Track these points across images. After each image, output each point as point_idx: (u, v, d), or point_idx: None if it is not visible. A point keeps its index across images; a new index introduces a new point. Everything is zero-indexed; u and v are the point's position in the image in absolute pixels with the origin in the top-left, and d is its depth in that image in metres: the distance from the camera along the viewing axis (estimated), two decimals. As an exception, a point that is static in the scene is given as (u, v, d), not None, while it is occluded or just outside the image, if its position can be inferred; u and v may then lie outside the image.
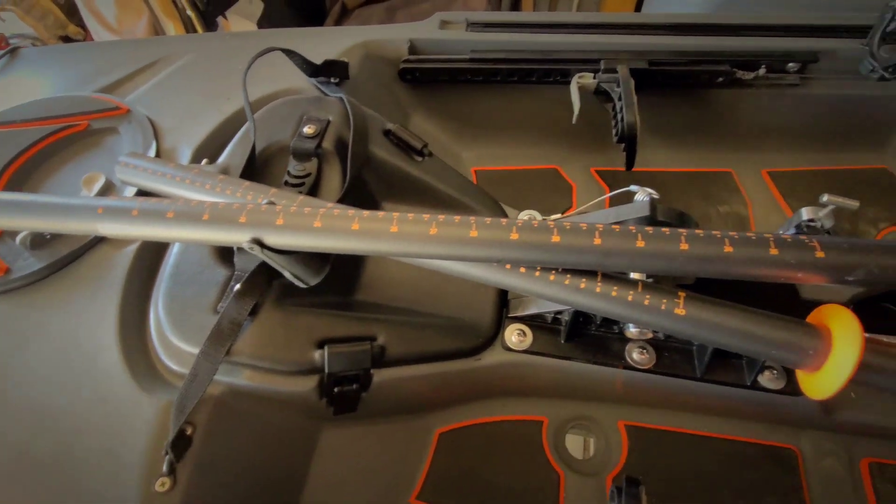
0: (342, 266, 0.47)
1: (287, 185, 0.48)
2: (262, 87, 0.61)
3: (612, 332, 0.48)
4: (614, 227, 0.32)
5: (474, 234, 0.33)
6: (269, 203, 0.37)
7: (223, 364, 0.40)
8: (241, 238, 0.35)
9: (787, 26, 0.65)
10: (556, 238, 0.32)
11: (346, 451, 0.49)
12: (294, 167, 0.49)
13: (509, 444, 0.51)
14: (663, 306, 0.32)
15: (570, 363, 0.48)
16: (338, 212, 0.35)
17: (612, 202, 0.54)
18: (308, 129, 0.50)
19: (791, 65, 0.63)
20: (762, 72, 0.63)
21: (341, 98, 0.54)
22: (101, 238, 0.49)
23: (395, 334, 0.45)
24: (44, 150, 0.56)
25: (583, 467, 0.50)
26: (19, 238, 0.47)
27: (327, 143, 0.50)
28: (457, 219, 0.34)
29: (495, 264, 0.35)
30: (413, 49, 0.68)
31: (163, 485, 0.37)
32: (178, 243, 0.47)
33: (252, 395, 0.43)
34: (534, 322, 0.49)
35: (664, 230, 0.32)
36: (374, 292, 0.49)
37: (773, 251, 0.30)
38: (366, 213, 0.35)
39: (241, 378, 0.42)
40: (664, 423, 0.51)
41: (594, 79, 0.62)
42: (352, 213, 0.35)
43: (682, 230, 0.32)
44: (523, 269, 0.35)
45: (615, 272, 0.35)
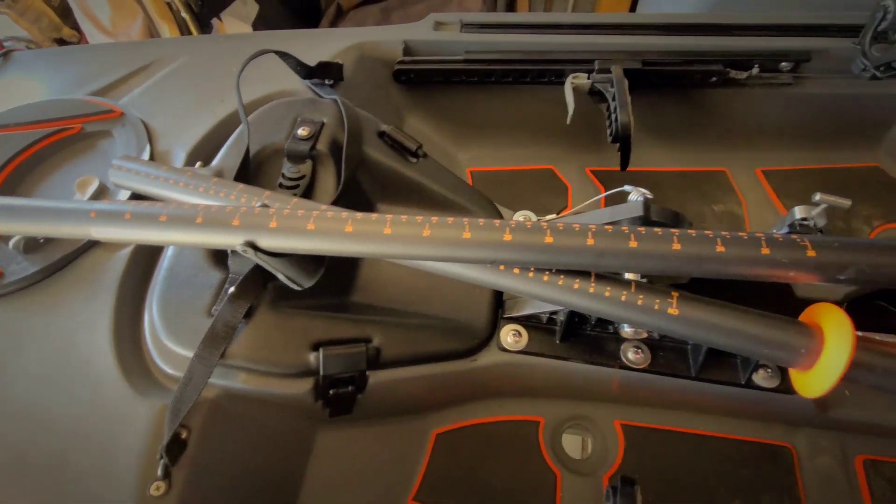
0: (337, 268, 0.47)
1: (281, 187, 0.48)
2: (256, 89, 0.61)
3: (608, 331, 0.49)
4: (607, 227, 0.32)
5: (467, 235, 0.33)
6: (263, 206, 0.37)
7: (218, 367, 0.40)
8: (234, 241, 0.35)
9: (779, 26, 0.66)
10: (549, 239, 0.32)
11: (342, 453, 0.49)
12: (288, 169, 0.49)
13: (506, 445, 0.51)
14: (656, 306, 0.32)
15: (566, 363, 0.48)
16: (331, 214, 0.35)
17: (606, 202, 0.54)
18: (302, 131, 0.50)
19: (784, 64, 0.64)
20: (755, 71, 0.63)
21: (335, 100, 0.54)
22: (95, 242, 0.49)
23: (390, 336, 0.45)
24: (37, 154, 0.56)
25: (579, 467, 0.50)
26: (12, 242, 0.47)
27: (322, 145, 0.50)
28: (450, 220, 0.34)
29: (489, 265, 0.35)
30: (408, 50, 0.68)
31: (157, 489, 0.37)
32: (173, 246, 0.47)
33: (247, 398, 0.43)
34: (529, 322, 0.49)
35: (657, 230, 0.32)
36: (370, 294, 0.49)
37: (765, 251, 0.30)
38: (359, 215, 0.35)
39: (236, 381, 0.42)
40: (660, 423, 0.51)
41: (588, 79, 0.62)
42: (345, 215, 0.35)
43: (674, 230, 0.32)
44: (517, 270, 0.35)
45: (609, 273, 0.35)
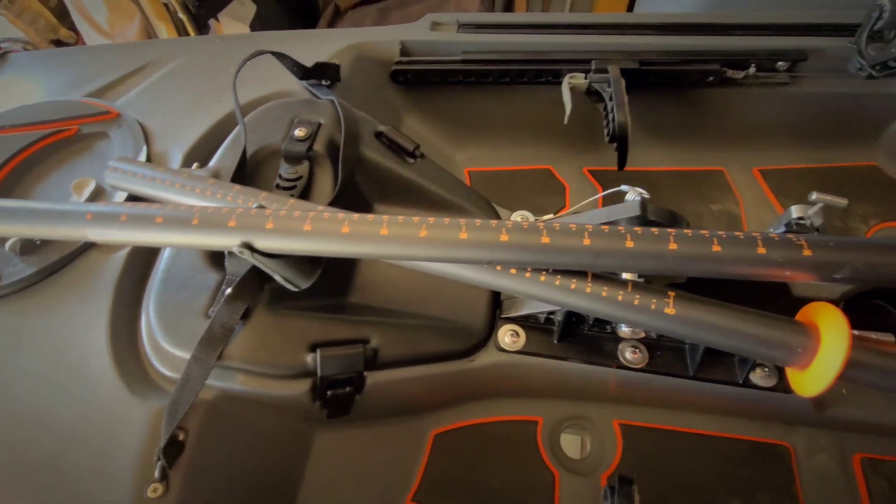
0: (334, 269, 0.46)
1: (279, 188, 0.48)
2: (253, 90, 0.61)
3: (605, 331, 0.49)
4: (603, 227, 0.33)
5: (464, 236, 0.33)
6: (259, 207, 0.37)
7: (215, 369, 0.40)
8: (230, 242, 0.35)
9: (776, 25, 0.66)
10: (545, 239, 0.32)
11: (340, 454, 0.49)
12: (285, 170, 0.49)
13: (504, 445, 0.51)
14: (653, 306, 0.32)
15: (564, 363, 0.48)
16: (328, 215, 0.35)
17: (604, 202, 0.54)
18: (299, 132, 0.50)
19: (780, 63, 0.64)
20: (752, 71, 0.63)
21: (332, 100, 0.54)
22: (92, 243, 0.49)
23: (388, 336, 0.45)
24: (33, 156, 0.56)
25: (578, 467, 0.50)
26: (8, 244, 0.47)
27: (319, 146, 0.50)
28: (446, 221, 0.34)
29: (486, 266, 0.35)
30: (405, 51, 0.68)
31: (155, 491, 0.37)
32: (169, 248, 0.47)
33: (245, 400, 0.43)
34: (527, 322, 0.49)
35: (653, 230, 0.32)
36: (367, 295, 0.49)
37: (761, 250, 0.30)
38: (356, 216, 0.35)
39: (233, 382, 0.42)
40: (658, 422, 0.52)
41: (585, 79, 0.62)
42: (342, 216, 0.35)
43: (670, 230, 0.32)
44: (514, 271, 0.35)
45: (605, 272, 0.35)
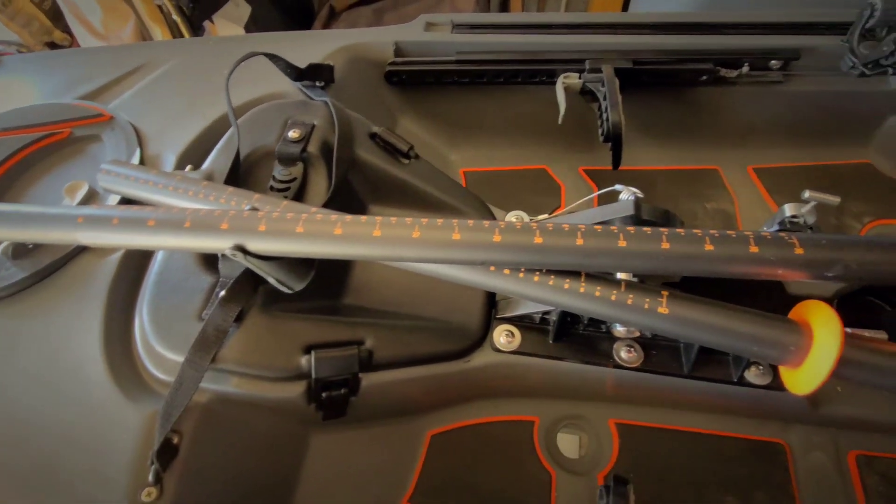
0: (329, 270, 0.46)
1: (273, 189, 0.48)
2: (246, 91, 0.60)
3: (600, 331, 0.49)
4: (596, 227, 0.33)
5: (457, 236, 0.33)
6: (252, 209, 0.37)
7: (210, 371, 0.40)
8: (223, 245, 0.35)
9: (768, 24, 0.66)
10: (538, 239, 0.32)
11: (336, 455, 0.49)
12: (279, 172, 0.49)
13: (501, 445, 0.51)
14: (646, 305, 0.32)
15: (560, 363, 0.48)
16: (321, 217, 0.35)
17: (599, 202, 0.54)
18: (293, 134, 0.50)
19: (773, 62, 0.64)
20: (745, 69, 0.63)
21: (326, 102, 0.54)
22: (85, 247, 0.49)
23: (383, 338, 0.45)
24: (25, 159, 0.56)
25: (574, 466, 0.50)
26: (0, 248, 0.47)
27: (312, 147, 0.50)
28: (439, 222, 0.34)
29: (479, 266, 0.35)
30: (399, 51, 0.68)
31: (149, 494, 0.36)
32: (162, 251, 0.47)
33: (239, 402, 0.42)
34: (522, 323, 0.49)
35: (646, 230, 0.32)
36: (362, 296, 0.49)
37: (753, 249, 0.31)
38: (349, 218, 0.35)
39: (227, 385, 0.42)
40: (654, 421, 0.52)
41: (579, 79, 0.62)
42: (334, 217, 0.35)
43: (663, 229, 0.32)
44: (507, 271, 0.35)
45: (599, 272, 0.35)
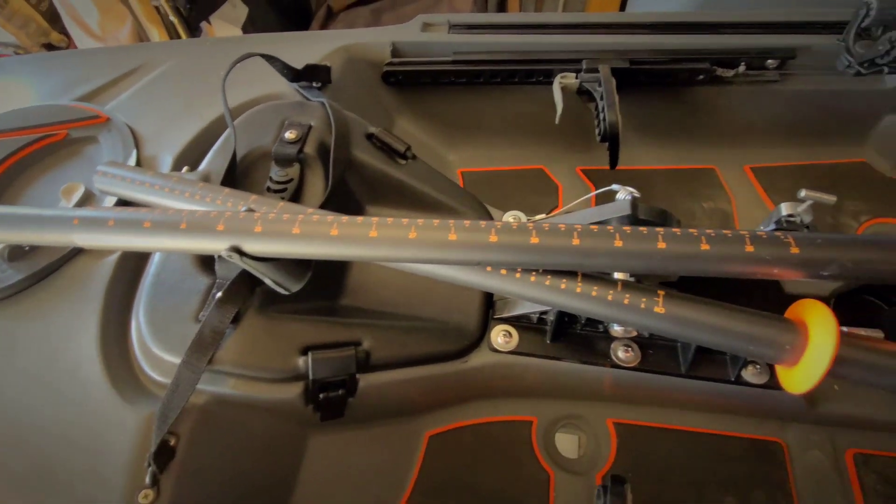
0: (326, 271, 0.46)
1: (269, 191, 0.48)
2: (243, 92, 0.60)
3: (597, 331, 0.49)
4: (592, 227, 0.33)
5: (453, 237, 0.33)
6: (248, 210, 0.37)
7: (207, 373, 0.40)
8: (219, 246, 0.35)
9: (765, 23, 0.66)
10: (534, 239, 0.32)
11: (334, 457, 0.49)
12: (276, 173, 0.49)
13: (499, 445, 0.51)
14: (643, 305, 0.32)
15: (557, 363, 0.48)
16: (317, 218, 0.35)
17: (597, 201, 0.54)
18: (290, 135, 0.50)
19: (770, 61, 0.64)
20: (742, 69, 0.64)
21: (323, 102, 0.54)
22: (81, 249, 0.49)
23: (380, 338, 0.45)
24: (22, 161, 0.56)
25: (572, 466, 0.50)
26: (-3, 250, 0.47)
27: (309, 148, 0.50)
28: (435, 222, 0.34)
29: (476, 267, 0.35)
30: (396, 52, 0.68)
31: (146, 497, 0.36)
32: (159, 253, 0.46)
33: (237, 404, 0.42)
34: (519, 323, 0.49)
35: (641, 229, 0.32)
36: (359, 297, 0.49)
37: (749, 248, 0.31)
38: (345, 219, 0.35)
39: (225, 387, 0.41)
40: (652, 420, 0.52)
41: (576, 79, 0.62)
42: (331, 218, 0.35)
43: (659, 229, 0.32)
44: (504, 272, 0.35)
45: (595, 272, 0.35)
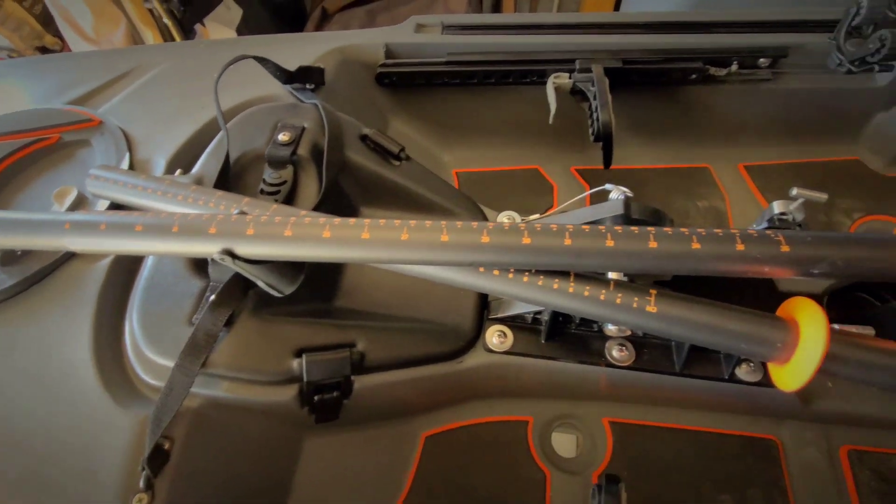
0: (320, 273, 0.46)
1: (263, 193, 0.48)
2: (237, 95, 0.60)
3: (592, 330, 0.49)
4: (584, 227, 0.33)
5: (445, 238, 0.33)
6: (241, 213, 0.37)
7: (201, 376, 0.40)
8: (211, 249, 0.35)
9: (757, 22, 0.66)
10: (526, 240, 0.32)
11: (330, 459, 0.49)
12: (269, 175, 0.48)
13: (495, 446, 0.51)
14: (635, 304, 0.32)
15: (553, 362, 0.48)
16: (309, 220, 0.35)
17: (591, 201, 0.54)
18: (283, 137, 0.50)
19: (762, 60, 0.64)
20: (734, 68, 0.64)
21: (316, 104, 0.54)
22: (74, 253, 0.48)
23: (374, 340, 0.45)
24: (14, 165, 0.55)
25: (568, 466, 0.51)
26: (-11, 255, 0.47)
27: (303, 150, 0.50)
28: (427, 223, 0.34)
29: (469, 267, 0.35)
30: (389, 53, 0.68)
31: (140, 501, 0.36)
32: (152, 256, 0.46)
33: (231, 407, 0.42)
34: (514, 323, 0.49)
35: (633, 229, 0.32)
36: (353, 298, 0.49)
37: (740, 247, 0.31)
38: (337, 221, 0.35)
39: (219, 390, 0.41)
40: (648, 419, 0.52)
41: (570, 79, 0.62)
42: (323, 220, 0.35)
43: (650, 228, 0.32)
44: (497, 272, 0.35)
45: (588, 272, 0.35)
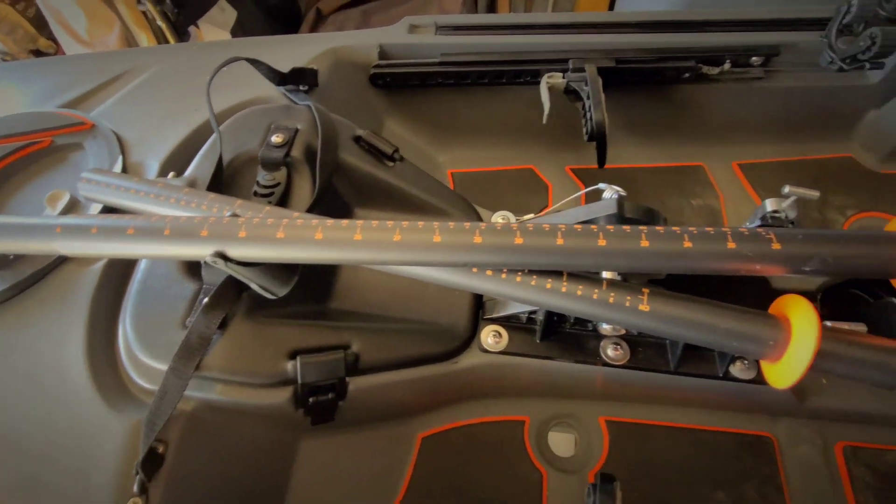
0: (314, 275, 0.46)
1: (256, 195, 0.48)
2: (230, 97, 0.60)
3: (587, 329, 0.49)
4: (577, 227, 0.33)
5: (438, 239, 0.33)
6: (233, 215, 0.37)
7: (195, 379, 0.39)
8: (203, 252, 0.35)
9: (749, 21, 0.67)
10: (519, 240, 0.32)
11: (326, 461, 0.49)
12: (263, 177, 0.48)
13: (492, 446, 0.51)
14: (627, 303, 0.33)
15: (548, 362, 0.48)
16: (301, 222, 0.35)
17: (586, 200, 0.54)
18: (276, 139, 0.50)
19: (754, 59, 0.64)
20: (727, 66, 0.64)
21: (309, 106, 0.54)
22: (67, 257, 0.48)
23: (369, 341, 0.45)
24: (6, 169, 0.55)
25: (565, 465, 0.51)
26: (-19, 260, 0.46)
27: (296, 152, 0.50)
28: (420, 224, 0.34)
29: (462, 268, 0.35)
30: (383, 54, 0.68)
31: (134, 505, 0.36)
32: (145, 259, 0.46)
33: (226, 410, 0.42)
34: (509, 323, 0.49)
35: (625, 228, 0.32)
36: (348, 300, 0.49)
37: (731, 245, 0.31)
38: (329, 222, 0.35)
39: (213, 393, 0.41)
40: (644, 417, 0.52)
41: (563, 78, 0.62)
42: (315, 222, 0.35)
43: (642, 227, 0.32)
44: (490, 272, 0.35)
45: (581, 271, 0.35)
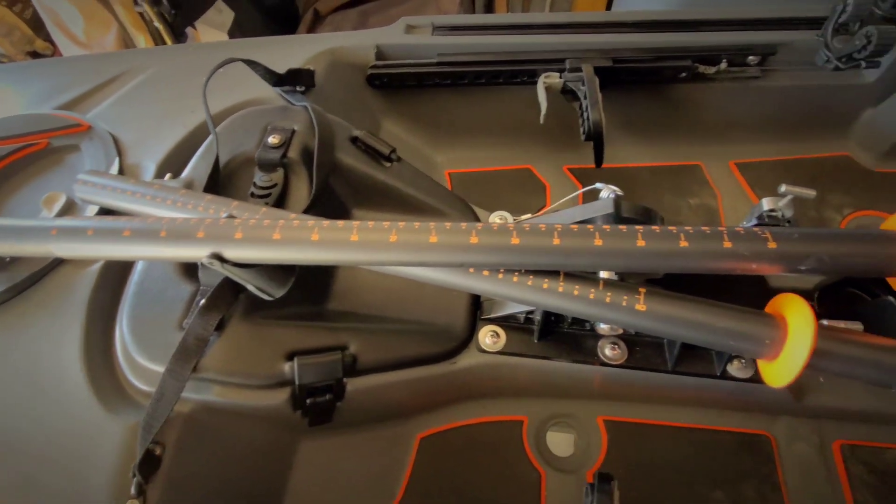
0: (311, 276, 0.46)
1: (253, 196, 0.48)
2: (226, 98, 0.60)
3: (584, 329, 0.49)
4: (573, 226, 0.33)
5: (434, 239, 0.33)
6: (229, 216, 0.37)
7: (192, 381, 0.39)
8: (199, 253, 0.35)
9: (745, 20, 0.67)
10: (515, 240, 0.32)
11: (324, 462, 0.49)
12: (260, 178, 0.48)
13: (490, 446, 0.51)
14: (624, 303, 0.33)
15: (546, 362, 0.48)
16: (298, 223, 0.35)
17: (583, 200, 0.54)
18: (273, 140, 0.50)
19: (751, 58, 0.64)
20: (723, 66, 0.64)
21: (306, 106, 0.54)
22: (63, 259, 0.48)
23: (367, 342, 0.45)
24: (2, 171, 0.55)
25: (564, 465, 0.51)
26: (-23, 262, 0.46)
27: (293, 153, 0.50)
28: (417, 225, 0.34)
29: (459, 268, 0.35)
30: (380, 54, 0.68)
31: (131, 507, 0.36)
32: (142, 261, 0.46)
33: (223, 411, 0.42)
34: (507, 323, 0.49)
35: (621, 228, 0.32)
36: (345, 301, 0.49)
37: (727, 244, 0.31)
38: (325, 223, 0.35)
39: (210, 394, 0.41)
40: (641, 417, 0.52)
41: (560, 78, 0.62)
42: (311, 223, 0.35)
43: (638, 227, 0.32)
44: (487, 273, 0.35)
45: (578, 271, 0.35)
